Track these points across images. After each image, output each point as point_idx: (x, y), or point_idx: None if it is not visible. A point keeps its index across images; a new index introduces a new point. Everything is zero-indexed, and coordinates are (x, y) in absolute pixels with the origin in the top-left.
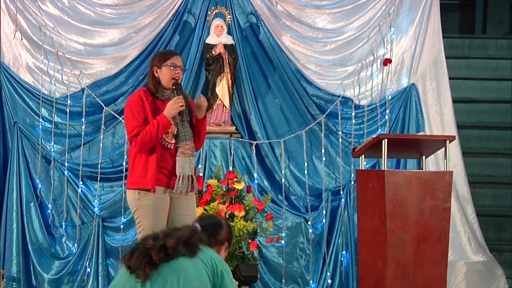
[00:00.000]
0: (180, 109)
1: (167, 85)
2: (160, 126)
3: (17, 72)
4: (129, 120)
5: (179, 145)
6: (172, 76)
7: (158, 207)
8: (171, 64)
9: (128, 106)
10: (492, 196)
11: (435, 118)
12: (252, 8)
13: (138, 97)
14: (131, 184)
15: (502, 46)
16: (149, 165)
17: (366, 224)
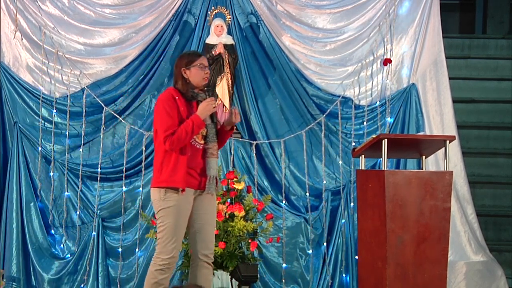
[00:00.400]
0: (213, 110)
1: (198, 85)
2: (194, 126)
3: (17, 72)
4: (164, 118)
5: (208, 146)
6: (203, 76)
7: (182, 207)
8: (200, 65)
9: (161, 104)
10: (492, 196)
11: (435, 118)
12: (252, 8)
13: (171, 96)
14: (159, 183)
15: (502, 46)
16: (180, 165)
17: (366, 224)
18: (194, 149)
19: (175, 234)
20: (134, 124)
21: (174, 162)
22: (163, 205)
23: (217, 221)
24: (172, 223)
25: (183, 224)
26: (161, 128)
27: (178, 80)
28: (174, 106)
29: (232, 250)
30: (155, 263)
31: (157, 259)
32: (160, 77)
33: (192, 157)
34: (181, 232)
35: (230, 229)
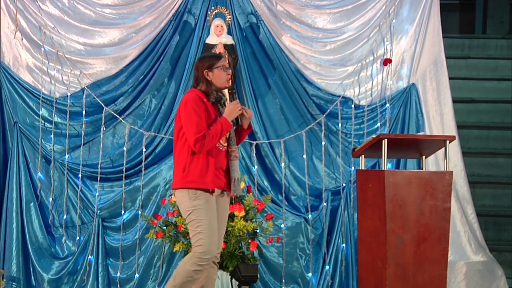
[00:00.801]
0: (239, 112)
1: (221, 87)
2: (223, 128)
3: (17, 72)
4: (194, 120)
5: (231, 148)
6: (225, 78)
7: (213, 207)
8: (222, 67)
9: (190, 106)
10: (492, 196)
11: (435, 118)
12: (252, 8)
13: (198, 97)
14: (187, 183)
15: (502, 46)
16: (209, 166)
17: (366, 224)
18: (218, 151)
19: (213, 233)
20: (134, 124)
21: (203, 164)
22: (195, 205)
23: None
24: (208, 221)
25: (215, 222)
26: (192, 130)
27: (201, 82)
28: (203, 107)
29: (232, 250)
30: (194, 262)
31: (197, 259)
32: (160, 77)
33: (217, 159)
34: (215, 231)
35: (230, 229)
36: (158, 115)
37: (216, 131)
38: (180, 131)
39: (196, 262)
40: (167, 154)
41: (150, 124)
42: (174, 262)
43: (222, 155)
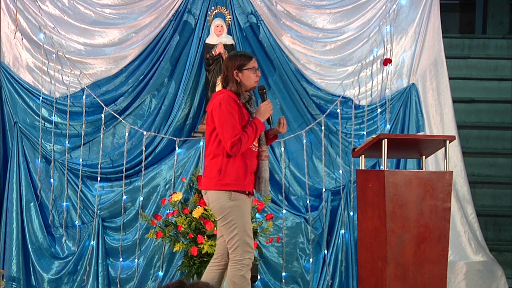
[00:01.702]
0: (270, 112)
1: (251, 87)
2: (258, 129)
3: (17, 72)
4: (229, 123)
5: (262, 148)
6: (254, 79)
7: (247, 208)
8: (252, 67)
9: (225, 108)
10: (492, 196)
11: (435, 118)
12: (252, 8)
13: (232, 99)
14: (224, 185)
15: (502, 46)
16: (247, 168)
17: (366, 224)
18: (252, 153)
19: (249, 232)
20: (134, 124)
21: (240, 166)
22: (231, 206)
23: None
24: (246, 222)
25: (250, 223)
26: (227, 133)
27: (230, 82)
28: (237, 109)
29: None
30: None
31: (244, 260)
32: (160, 77)
33: (252, 160)
34: (252, 231)
35: None
36: (158, 115)
37: (251, 132)
38: (212, 133)
39: (245, 263)
40: (167, 154)
41: (150, 124)
42: (174, 262)
43: (254, 156)
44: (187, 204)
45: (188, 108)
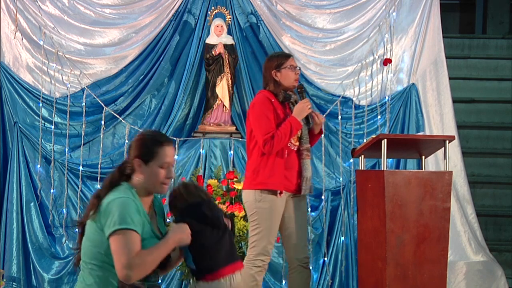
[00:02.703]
0: (308, 111)
1: (289, 86)
2: (292, 128)
3: (17, 72)
4: (262, 121)
5: (303, 147)
6: (294, 77)
7: (276, 210)
8: (290, 66)
9: (258, 108)
10: (492, 196)
11: (435, 118)
12: (252, 8)
13: (267, 99)
14: (255, 185)
15: (502, 46)
16: (278, 167)
17: (366, 224)
18: (289, 151)
19: (274, 234)
20: (134, 124)
21: (271, 165)
22: (258, 206)
23: None
24: (269, 224)
25: (277, 226)
26: (260, 131)
27: (270, 82)
28: (271, 108)
29: None
30: (253, 265)
31: (256, 261)
32: (160, 77)
33: (288, 159)
34: (275, 234)
35: None
36: (158, 115)
37: (285, 130)
38: (251, 134)
39: (255, 265)
40: None
41: (150, 124)
42: None
43: (293, 155)
44: None
45: (188, 108)
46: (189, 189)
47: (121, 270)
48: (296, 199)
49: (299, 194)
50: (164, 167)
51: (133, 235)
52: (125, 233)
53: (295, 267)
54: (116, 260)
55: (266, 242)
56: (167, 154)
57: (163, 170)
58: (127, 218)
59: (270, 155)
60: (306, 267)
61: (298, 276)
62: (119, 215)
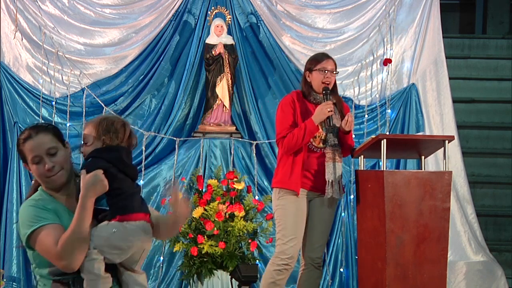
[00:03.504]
0: (328, 114)
1: (318, 89)
2: (306, 130)
3: (17, 72)
4: (279, 122)
5: (327, 150)
6: (322, 80)
7: (298, 208)
8: (321, 68)
9: (280, 108)
10: (492, 196)
11: (435, 118)
12: (252, 8)
13: (290, 99)
14: (275, 183)
15: (502, 46)
16: (294, 167)
17: (365, 224)
18: (312, 153)
19: (292, 234)
20: (134, 124)
21: (289, 164)
22: (278, 204)
23: (217, 221)
24: (288, 223)
25: (300, 224)
26: (277, 130)
27: (302, 83)
28: (290, 109)
29: (232, 250)
30: (273, 262)
31: (276, 258)
32: (160, 77)
33: (309, 160)
34: (298, 232)
35: (230, 229)
36: (158, 115)
37: (299, 132)
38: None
39: (274, 262)
40: (167, 154)
41: (150, 124)
42: (174, 262)
43: (313, 157)
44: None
45: (188, 108)
46: (109, 128)
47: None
48: (321, 200)
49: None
50: (34, 162)
51: (45, 229)
52: (38, 232)
53: (307, 265)
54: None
55: (287, 241)
56: (29, 148)
57: (35, 166)
58: (33, 219)
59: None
60: (317, 267)
61: (308, 275)
62: (23, 222)
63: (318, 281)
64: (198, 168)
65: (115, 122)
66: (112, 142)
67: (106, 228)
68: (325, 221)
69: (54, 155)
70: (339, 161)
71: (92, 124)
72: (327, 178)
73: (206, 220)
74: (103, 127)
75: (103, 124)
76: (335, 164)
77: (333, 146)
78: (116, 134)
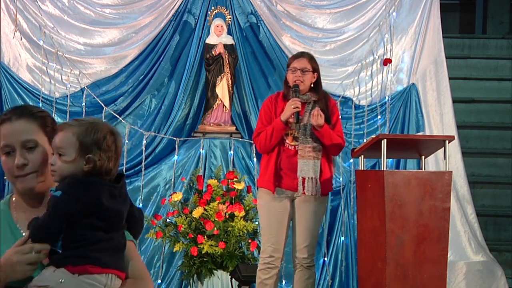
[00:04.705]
0: (293, 111)
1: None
2: (274, 128)
3: (17, 72)
4: (258, 121)
5: (299, 147)
6: (293, 79)
7: (273, 208)
8: (291, 68)
9: (261, 107)
10: (492, 196)
11: (435, 118)
12: (252, 8)
13: (270, 99)
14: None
15: (502, 46)
16: (268, 166)
17: (366, 224)
18: (287, 151)
19: (268, 233)
20: (134, 124)
21: (265, 164)
22: (258, 204)
23: (217, 221)
24: (265, 222)
25: (274, 224)
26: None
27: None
28: (267, 109)
29: (232, 250)
30: (259, 263)
31: (260, 259)
32: (160, 77)
33: (284, 158)
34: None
35: (230, 229)
36: (158, 115)
37: (268, 131)
38: None
39: (259, 262)
40: (167, 154)
41: (150, 124)
42: (174, 262)
43: (288, 155)
44: (187, 204)
45: (188, 108)
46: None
47: None
48: (302, 198)
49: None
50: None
51: None
52: None
53: (296, 265)
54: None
55: (265, 240)
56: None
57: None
58: None
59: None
60: (307, 267)
61: (298, 275)
62: None
63: (310, 281)
64: (198, 168)
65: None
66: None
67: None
68: (307, 220)
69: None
70: (313, 158)
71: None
72: (298, 175)
73: (206, 220)
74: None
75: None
76: (308, 161)
77: (306, 143)
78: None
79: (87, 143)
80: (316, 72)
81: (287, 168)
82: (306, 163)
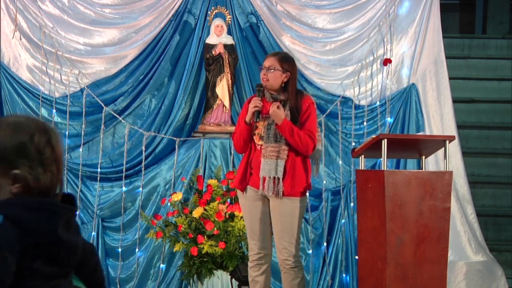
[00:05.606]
0: (253, 109)
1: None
2: (240, 129)
3: (16, 72)
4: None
5: (263, 146)
6: (261, 77)
7: (248, 206)
8: (261, 67)
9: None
10: (492, 196)
11: (435, 118)
12: (252, 8)
13: (248, 99)
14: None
15: (502, 46)
16: (240, 166)
17: (365, 224)
18: (257, 150)
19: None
20: (134, 124)
21: (240, 163)
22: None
23: (217, 221)
24: (246, 220)
25: (257, 221)
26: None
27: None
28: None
29: (232, 250)
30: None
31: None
32: (160, 77)
33: (255, 158)
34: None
35: (230, 229)
36: (158, 115)
37: (236, 131)
38: None
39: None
40: (167, 154)
41: (150, 124)
42: (174, 262)
43: (258, 154)
44: (187, 204)
45: (188, 108)
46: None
47: None
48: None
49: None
50: None
51: None
52: None
53: (280, 266)
54: None
55: (249, 238)
56: None
57: None
58: None
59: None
60: (290, 269)
61: (284, 276)
62: None
63: (295, 282)
64: (198, 168)
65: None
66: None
67: None
68: (281, 222)
69: None
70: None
71: None
72: (260, 174)
73: (206, 220)
74: (11, 145)
75: (11, 140)
76: (270, 161)
77: (269, 143)
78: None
79: (6, 155)
80: (288, 72)
81: (256, 167)
82: (268, 162)
